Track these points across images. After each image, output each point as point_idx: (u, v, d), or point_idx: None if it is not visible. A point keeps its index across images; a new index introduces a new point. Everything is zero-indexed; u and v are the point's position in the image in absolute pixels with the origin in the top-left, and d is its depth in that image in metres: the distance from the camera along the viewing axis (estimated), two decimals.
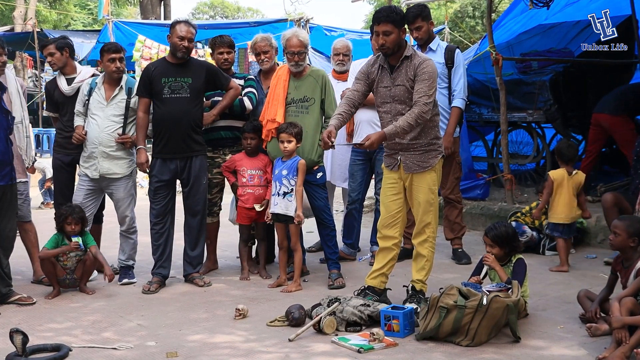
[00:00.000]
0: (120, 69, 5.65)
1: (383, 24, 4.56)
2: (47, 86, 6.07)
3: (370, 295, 4.75)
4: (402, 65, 4.63)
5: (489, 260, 4.56)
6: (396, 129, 4.49)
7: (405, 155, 4.70)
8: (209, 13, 51.46)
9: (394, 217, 4.80)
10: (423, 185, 4.69)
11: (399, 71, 4.64)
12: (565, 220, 5.92)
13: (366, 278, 4.91)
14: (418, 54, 4.69)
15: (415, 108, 4.51)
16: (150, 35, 13.34)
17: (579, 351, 3.93)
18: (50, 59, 5.86)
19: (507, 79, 7.91)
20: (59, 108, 5.94)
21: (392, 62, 4.68)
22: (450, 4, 26.06)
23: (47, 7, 28.72)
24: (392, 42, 4.56)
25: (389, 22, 4.54)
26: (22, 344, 3.96)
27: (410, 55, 4.63)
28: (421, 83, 4.53)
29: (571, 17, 8.57)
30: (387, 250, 4.84)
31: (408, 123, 4.49)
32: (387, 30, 4.55)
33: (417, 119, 4.50)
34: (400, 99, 4.63)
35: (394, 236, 4.81)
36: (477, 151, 9.03)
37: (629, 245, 4.22)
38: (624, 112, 6.80)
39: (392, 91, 4.67)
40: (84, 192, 5.69)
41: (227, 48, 5.94)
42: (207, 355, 4.00)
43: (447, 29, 17.57)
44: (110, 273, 5.32)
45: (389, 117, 4.67)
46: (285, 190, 5.37)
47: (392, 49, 4.59)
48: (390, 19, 4.55)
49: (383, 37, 4.56)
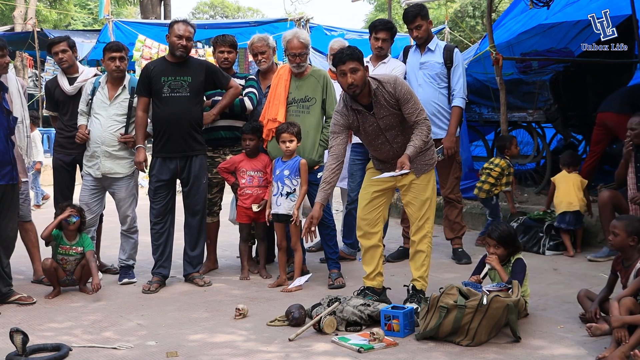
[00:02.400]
0: (120, 68, 5.64)
1: (348, 61, 4.44)
2: (48, 85, 6.06)
3: (370, 295, 4.76)
4: (377, 99, 4.55)
5: (492, 260, 4.55)
6: (415, 148, 4.54)
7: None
8: (209, 13, 51.45)
9: (377, 213, 4.80)
10: (428, 183, 4.73)
11: (378, 105, 4.56)
12: (567, 208, 6.23)
13: (364, 279, 4.91)
14: (377, 78, 4.58)
15: (422, 126, 4.56)
16: (150, 35, 13.34)
17: (579, 351, 3.93)
18: (63, 56, 5.80)
19: (507, 79, 7.90)
20: (58, 107, 5.93)
21: (364, 102, 4.59)
22: (450, 3, 26.05)
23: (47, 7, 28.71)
24: (360, 79, 4.46)
25: (354, 60, 4.45)
26: (22, 343, 3.97)
27: (377, 86, 4.54)
28: (408, 104, 4.54)
29: (571, 17, 8.56)
30: (373, 248, 4.84)
31: (422, 141, 4.57)
32: (354, 68, 4.43)
33: (428, 133, 4.61)
34: (392, 126, 4.63)
35: (376, 232, 4.82)
36: (477, 151, 9.02)
37: (629, 245, 4.23)
38: (629, 111, 6.79)
39: (381, 125, 4.63)
40: (88, 191, 5.70)
41: (228, 47, 5.94)
42: (207, 355, 4.00)
43: (447, 29, 17.56)
44: (97, 282, 5.21)
45: (388, 145, 4.70)
46: (289, 190, 5.38)
47: (361, 87, 4.49)
48: (354, 57, 4.46)
49: (351, 76, 4.44)
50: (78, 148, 5.76)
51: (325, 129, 5.56)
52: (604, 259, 5.91)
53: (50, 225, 5.33)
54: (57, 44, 5.87)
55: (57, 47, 5.84)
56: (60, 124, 5.91)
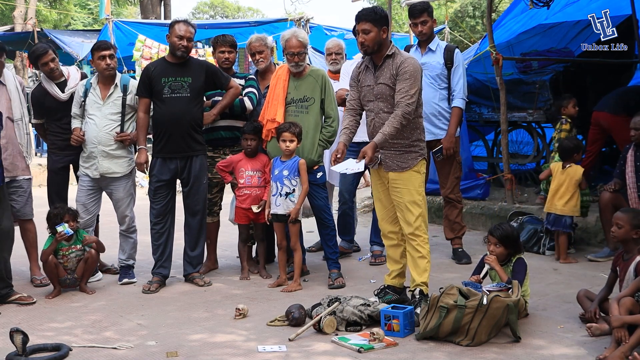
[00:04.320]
0: (111, 66, 5.62)
1: (362, 22, 4.66)
2: (35, 94, 5.82)
3: (391, 294, 4.81)
4: (385, 64, 4.68)
5: (490, 260, 4.56)
6: (384, 136, 4.55)
7: (385, 153, 4.74)
8: (209, 13, 51.43)
9: (392, 211, 4.84)
10: (404, 186, 4.69)
11: (382, 70, 4.69)
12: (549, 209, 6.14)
13: (385, 276, 4.97)
14: (401, 53, 4.74)
15: (398, 109, 4.55)
16: (150, 35, 13.31)
17: (579, 351, 3.93)
18: (53, 65, 5.64)
19: (507, 79, 7.90)
20: (49, 114, 5.79)
21: (376, 62, 4.75)
22: (450, 3, 26.05)
23: (47, 7, 28.69)
24: (372, 40, 4.63)
25: (368, 21, 4.63)
26: (22, 343, 3.97)
27: (393, 54, 4.68)
28: (403, 82, 4.57)
29: (571, 17, 8.56)
30: (393, 247, 4.89)
31: (394, 127, 4.55)
32: (366, 29, 4.63)
33: (401, 120, 4.55)
34: (383, 97, 4.68)
35: (396, 230, 4.86)
36: (477, 151, 9.02)
37: (632, 238, 4.26)
38: (624, 112, 6.79)
39: (374, 90, 4.72)
40: (85, 192, 5.69)
41: (228, 47, 5.94)
42: (207, 355, 4.00)
43: (447, 29, 17.54)
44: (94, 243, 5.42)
45: (372, 115, 4.76)
46: (288, 190, 5.38)
47: (372, 48, 4.66)
48: (369, 18, 4.63)
49: (362, 35, 4.65)
50: (74, 150, 5.73)
51: (324, 129, 5.56)
52: (604, 259, 5.90)
53: (48, 249, 5.30)
54: (45, 55, 5.65)
55: (46, 58, 5.64)
56: (57, 127, 5.78)
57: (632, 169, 5.79)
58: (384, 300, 4.76)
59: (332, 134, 5.57)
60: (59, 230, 5.26)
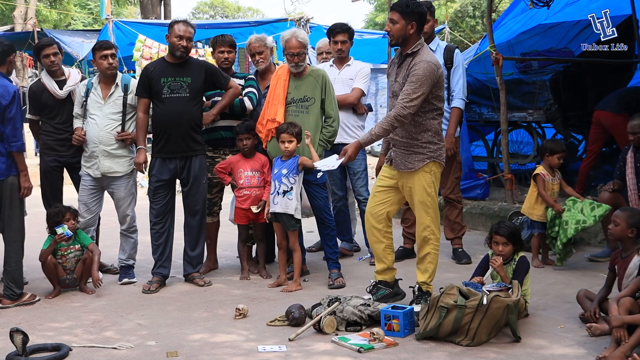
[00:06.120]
0: (113, 65, 5.63)
1: (392, 11, 4.65)
2: (33, 88, 5.84)
3: (383, 289, 4.82)
4: (405, 62, 4.65)
5: (497, 264, 4.49)
6: (371, 136, 4.58)
7: (395, 151, 4.75)
8: (209, 13, 51.47)
9: (381, 208, 4.83)
10: (413, 186, 4.69)
11: (401, 68, 4.68)
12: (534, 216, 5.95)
13: (375, 273, 4.98)
14: (423, 53, 4.58)
15: (392, 110, 4.55)
16: (150, 35, 13.31)
17: (579, 351, 3.94)
18: (55, 59, 5.68)
19: (507, 79, 7.90)
20: (44, 111, 5.78)
21: (400, 58, 4.74)
22: (450, 3, 26.06)
23: (47, 7, 28.71)
24: (397, 31, 4.59)
25: (397, 12, 4.60)
26: (23, 343, 3.97)
27: (414, 52, 4.60)
28: (408, 85, 4.52)
29: (571, 17, 8.56)
30: (377, 243, 4.89)
31: (383, 128, 4.55)
32: (394, 19, 4.61)
33: (393, 122, 4.52)
34: (397, 94, 4.66)
35: (379, 227, 4.85)
36: (477, 151, 9.02)
37: (627, 236, 4.28)
38: (625, 111, 6.79)
39: (393, 86, 4.73)
40: (87, 191, 5.69)
41: (227, 47, 5.94)
42: (207, 355, 4.00)
43: (447, 29, 17.55)
44: (97, 278, 5.26)
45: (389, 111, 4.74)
46: (285, 188, 5.37)
47: (396, 39, 4.63)
48: (399, 9, 4.60)
49: (389, 24, 4.63)
50: (69, 150, 5.73)
51: (324, 129, 5.56)
52: (604, 258, 5.90)
53: (47, 250, 5.30)
54: (48, 47, 5.72)
55: (49, 50, 5.69)
56: (50, 127, 5.76)
57: (632, 170, 5.79)
58: (377, 296, 4.81)
59: (332, 134, 5.57)
60: (58, 232, 5.26)
